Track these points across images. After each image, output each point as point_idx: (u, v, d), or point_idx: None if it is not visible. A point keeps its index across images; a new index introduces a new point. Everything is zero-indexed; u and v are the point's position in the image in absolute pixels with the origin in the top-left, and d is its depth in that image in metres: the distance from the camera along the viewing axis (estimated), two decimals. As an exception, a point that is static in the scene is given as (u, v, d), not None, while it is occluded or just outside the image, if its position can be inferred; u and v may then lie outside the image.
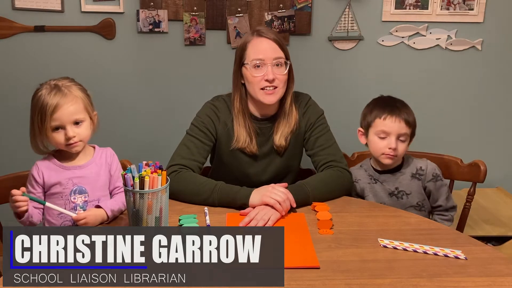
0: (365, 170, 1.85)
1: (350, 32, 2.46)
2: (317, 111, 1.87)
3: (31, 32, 2.41)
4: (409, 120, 1.72)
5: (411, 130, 1.74)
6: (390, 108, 1.74)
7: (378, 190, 1.80)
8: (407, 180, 1.78)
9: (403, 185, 1.78)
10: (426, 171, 1.77)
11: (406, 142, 1.75)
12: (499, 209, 2.39)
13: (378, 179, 1.81)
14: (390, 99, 1.81)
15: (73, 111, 1.49)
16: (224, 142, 1.81)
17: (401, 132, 1.72)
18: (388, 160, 1.74)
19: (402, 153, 1.75)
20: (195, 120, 1.82)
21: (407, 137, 1.74)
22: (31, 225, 1.52)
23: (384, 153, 1.73)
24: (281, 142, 1.80)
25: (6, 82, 2.48)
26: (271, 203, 1.54)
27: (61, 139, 1.49)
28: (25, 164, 1.58)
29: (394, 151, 1.71)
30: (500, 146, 2.63)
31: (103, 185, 1.59)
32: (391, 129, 1.72)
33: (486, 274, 1.23)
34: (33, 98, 1.51)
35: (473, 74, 2.53)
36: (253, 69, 1.70)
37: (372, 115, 1.76)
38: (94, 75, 2.44)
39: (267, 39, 1.71)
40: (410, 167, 1.79)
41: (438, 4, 2.42)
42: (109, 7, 2.39)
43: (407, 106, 1.77)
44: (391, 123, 1.71)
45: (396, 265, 1.28)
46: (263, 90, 1.71)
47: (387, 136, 1.73)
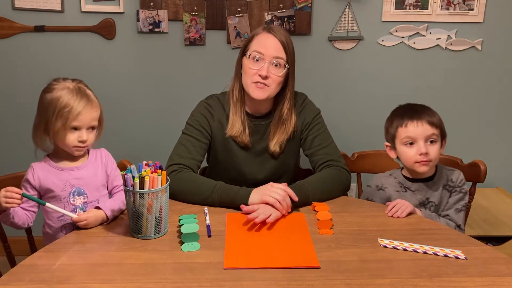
0: (394, 178, 1.76)
1: (350, 32, 2.46)
2: (314, 110, 1.87)
3: (31, 32, 2.41)
4: (432, 121, 1.65)
5: (439, 130, 1.66)
6: (410, 113, 1.67)
7: (408, 198, 1.67)
8: (439, 190, 1.71)
9: (434, 196, 1.71)
10: (456, 183, 1.70)
11: (438, 144, 1.66)
12: (499, 209, 2.39)
13: (409, 187, 1.72)
14: (408, 106, 1.74)
15: (94, 117, 1.53)
16: (219, 141, 1.82)
17: (427, 134, 1.64)
18: (424, 168, 1.65)
19: (436, 157, 1.66)
20: (190, 119, 1.83)
21: (436, 137, 1.65)
22: (13, 225, 1.51)
23: (417, 160, 1.64)
24: (276, 149, 1.81)
25: (6, 82, 2.48)
26: (271, 202, 1.54)
27: (74, 140, 1.50)
28: (25, 164, 1.58)
29: (427, 156, 1.63)
30: (500, 146, 2.63)
31: (101, 186, 1.59)
32: (415, 134, 1.64)
33: (486, 274, 1.23)
34: (47, 94, 1.50)
35: (473, 74, 2.53)
36: (251, 61, 1.71)
37: (393, 126, 1.69)
38: (94, 75, 2.44)
39: (274, 37, 1.71)
40: (442, 177, 1.72)
41: (438, 4, 2.42)
42: (109, 7, 2.39)
43: (428, 108, 1.71)
44: (414, 128, 1.64)
45: (396, 265, 1.28)
46: (255, 84, 1.71)
47: (414, 142, 1.65)
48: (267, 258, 1.31)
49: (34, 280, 1.20)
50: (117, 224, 1.51)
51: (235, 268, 1.26)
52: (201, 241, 1.37)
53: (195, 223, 1.41)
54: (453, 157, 1.96)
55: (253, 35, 1.76)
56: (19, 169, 1.72)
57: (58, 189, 1.52)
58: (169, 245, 1.38)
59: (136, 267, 1.26)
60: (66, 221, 1.54)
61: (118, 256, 1.32)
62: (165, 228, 1.44)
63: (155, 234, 1.41)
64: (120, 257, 1.31)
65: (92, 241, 1.40)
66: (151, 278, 1.21)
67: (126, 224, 1.49)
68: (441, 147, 1.69)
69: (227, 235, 1.43)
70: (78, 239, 1.41)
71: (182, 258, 1.31)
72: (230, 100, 1.81)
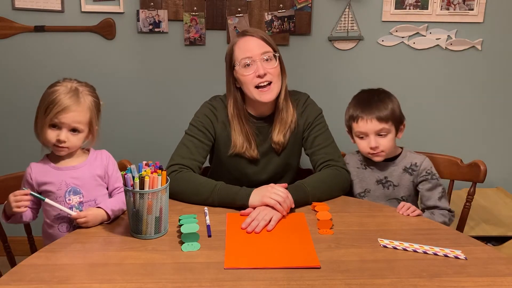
0: (358, 156, 1.86)
1: (350, 32, 2.46)
2: (316, 110, 1.87)
3: (31, 32, 2.41)
4: (381, 116, 1.71)
5: (390, 122, 1.72)
6: (361, 108, 1.74)
7: (366, 176, 1.81)
8: (398, 172, 1.79)
9: (393, 176, 1.79)
10: (420, 168, 1.76)
11: (389, 136, 1.73)
12: (499, 209, 2.39)
13: (369, 165, 1.82)
14: (364, 96, 1.80)
15: (76, 120, 1.50)
16: (223, 143, 1.81)
17: (376, 129, 1.72)
18: (377, 158, 1.76)
19: (388, 147, 1.74)
20: (194, 120, 1.82)
21: (387, 130, 1.72)
22: (20, 223, 1.55)
23: (369, 152, 1.75)
24: (279, 139, 1.80)
25: (6, 82, 2.48)
26: (271, 203, 1.54)
27: (52, 138, 1.50)
28: (25, 164, 1.58)
29: (377, 149, 1.72)
30: (500, 146, 2.63)
31: (98, 186, 1.59)
32: (365, 129, 1.73)
33: (486, 274, 1.23)
34: (48, 89, 1.52)
35: (473, 74, 2.53)
36: (243, 69, 1.71)
37: (348, 119, 1.78)
38: (94, 75, 2.43)
39: (251, 37, 1.72)
40: (405, 160, 1.79)
41: (438, 4, 2.42)
42: (109, 7, 2.39)
43: (382, 100, 1.74)
44: (363, 124, 1.73)
45: (396, 265, 1.28)
46: (258, 89, 1.71)
47: (365, 136, 1.74)
48: (268, 258, 1.31)
49: (34, 280, 1.20)
50: (117, 224, 1.51)
51: (236, 268, 1.26)
52: (201, 241, 1.37)
53: (195, 223, 1.41)
54: (453, 157, 1.96)
55: (232, 47, 1.75)
56: (19, 169, 1.72)
57: (54, 188, 1.52)
58: (169, 245, 1.38)
59: (136, 267, 1.26)
60: (63, 220, 1.54)
61: (118, 256, 1.32)
62: (165, 228, 1.44)
63: (155, 234, 1.41)
64: (120, 257, 1.31)
65: (92, 241, 1.40)
66: (151, 278, 1.21)
67: (126, 224, 1.49)
68: (397, 134, 1.76)
69: (227, 235, 1.43)
70: (78, 239, 1.41)
71: (182, 258, 1.31)
72: (229, 118, 1.80)
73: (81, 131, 1.52)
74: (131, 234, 1.43)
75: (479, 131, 2.61)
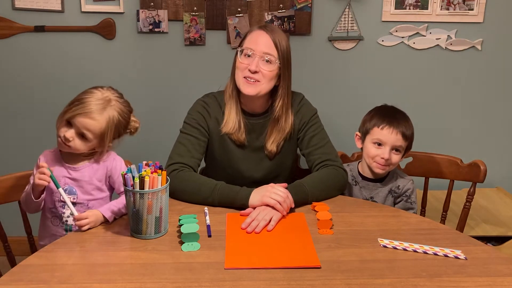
0: (350, 170, 1.87)
1: (350, 32, 2.46)
2: (311, 110, 1.87)
3: (31, 32, 2.41)
4: (406, 134, 1.74)
5: (407, 143, 1.77)
6: (389, 119, 1.76)
7: (355, 192, 1.84)
8: (383, 194, 1.82)
9: (378, 197, 1.82)
10: (402, 190, 1.80)
11: (400, 155, 1.77)
12: (499, 209, 2.39)
13: (358, 183, 1.85)
14: (392, 110, 1.83)
15: (87, 127, 1.51)
16: (216, 137, 1.82)
17: (396, 144, 1.74)
18: (379, 170, 1.77)
19: (394, 165, 1.79)
20: (187, 118, 1.84)
21: (402, 149, 1.76)
22: (34, 208, 1.57)
23: (376, 161, 1.76)
24: (272, 148, 1.82)
25: (6, 82, 2.48)
26: (271, 203, 1.54)
27: (61, 132, 1.52)
28: (25, 164, 1.58)
29: (386, 161, 1.74)
30: (500, 146, 2.63)
31: (95, 190, 1.60)
32: (387, 140, 1.74)
33: (486, 274, 1.24)
34: (88, 89, 1.56)
35: (473, 74, 2.53)
36: (243, 56, 1.73)
37: (371, 123, 1.79)
38: (94, 75, 2.44)
39: (266, 34, 1.72)
40: (391, 182, 1.82)
41: (438, 4, 2.42)
42: (109, 7, 2.39)
43: (407, 119, 1.79)
44: (388, 134, 1.74)
45: (396, 265, 1.28)
46: (245, 79, 1.72)
47: (382, 145, 1.75)
48: (268, 258, 1.31)
49: (34, 280, 1.20)
50: (117, 224, 1.50)
51: (236, 268, 1.26)
52: (201, 241, 1.37)
53: (195, 223, 1.41)
54: (453, 157, 1.96)
55: (248, 32, 1.78)
56: (19, 169, 1.72)
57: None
58: (169, 245, 1.38)
59: (136, 267, 1.26)
60: (54, 214, 1.57)
61: (118, 256, 1.32)
62: (165, 228, 1.44)
63: (155, 234, 1.41)
64: (120, 257, 1.31)
65: (92, 241, 1.40)
66: (151, 278, 1.21)
67: (126, 224, 1.49)
68: (402, 156, 1.79)
69: (227, 235, 1.43)
70: (78, 239, 1.41)
71: (182, 258, 1.31)
72: (225, 98, 1.82)
73: (89, 139, 1.53)
74: (131, 234, 1.43)
75: (479, 131, 2.61)
